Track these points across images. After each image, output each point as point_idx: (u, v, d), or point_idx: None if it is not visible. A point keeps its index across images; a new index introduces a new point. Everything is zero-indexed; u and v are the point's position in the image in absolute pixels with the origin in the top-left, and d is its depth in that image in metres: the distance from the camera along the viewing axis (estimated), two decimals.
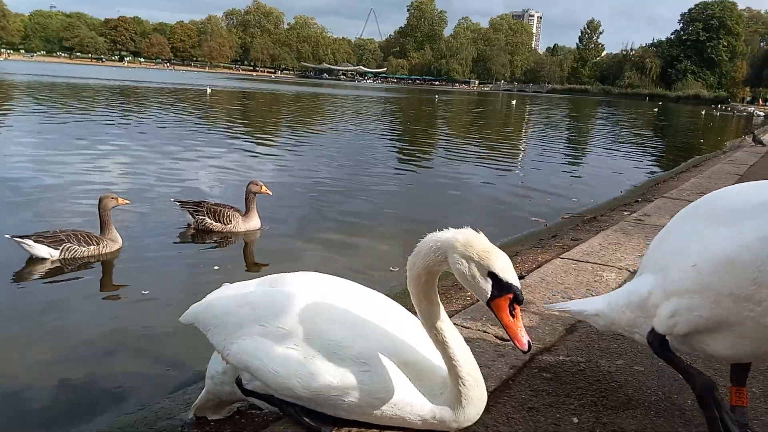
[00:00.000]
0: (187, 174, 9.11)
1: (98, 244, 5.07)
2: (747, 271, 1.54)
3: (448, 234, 1.66)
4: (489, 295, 1.62)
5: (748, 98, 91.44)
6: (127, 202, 5.37)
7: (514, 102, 55.35)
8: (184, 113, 22.24)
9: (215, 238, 5.83)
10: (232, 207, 6.04)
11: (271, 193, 6.04)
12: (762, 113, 48.43)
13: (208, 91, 36.73)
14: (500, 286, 1.61)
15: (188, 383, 2.91)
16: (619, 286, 3.50)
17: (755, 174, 8.86)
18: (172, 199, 6.25)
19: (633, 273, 3.77)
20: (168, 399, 2.73)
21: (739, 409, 1.86)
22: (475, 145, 16.77)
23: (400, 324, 1.91)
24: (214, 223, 5.87)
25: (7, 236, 4.83)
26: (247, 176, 8.36)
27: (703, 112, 48.65)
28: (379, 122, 24.53)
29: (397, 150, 14.86)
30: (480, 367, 2.37)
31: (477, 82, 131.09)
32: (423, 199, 8.39)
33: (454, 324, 2.07)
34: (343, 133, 18.63)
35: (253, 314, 1.88)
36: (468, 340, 2.19)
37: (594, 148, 18.74)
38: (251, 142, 14.39)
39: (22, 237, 4.88)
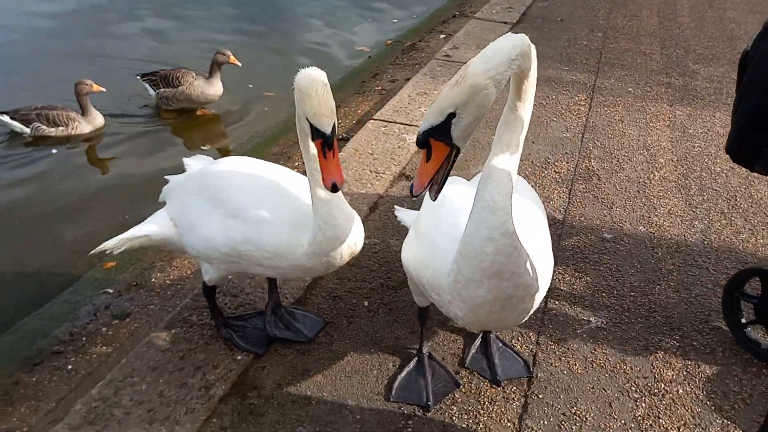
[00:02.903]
0: None
1: (67, 126, 4.96)
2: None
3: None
4: (310, 136, 1.92)
5: None
6: (102, 89, 5.04)
7: None
8: None
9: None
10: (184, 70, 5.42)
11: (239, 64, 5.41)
12: None
13: None
14: (314, 130, 1.89)
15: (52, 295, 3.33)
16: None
17: None
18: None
19: None
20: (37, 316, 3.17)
21: None
22: None
23: (290, 188, 2.30)
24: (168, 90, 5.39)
25: None
26: None
27: None
28: None
29: None
30: None
31: None
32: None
33: None
34: None
35: (191, 186, 2.41)
36: None
37: None
38: None
39: (1, 112, 4.96)
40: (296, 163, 4.36)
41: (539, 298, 1.91)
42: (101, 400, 2.32)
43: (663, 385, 2.46)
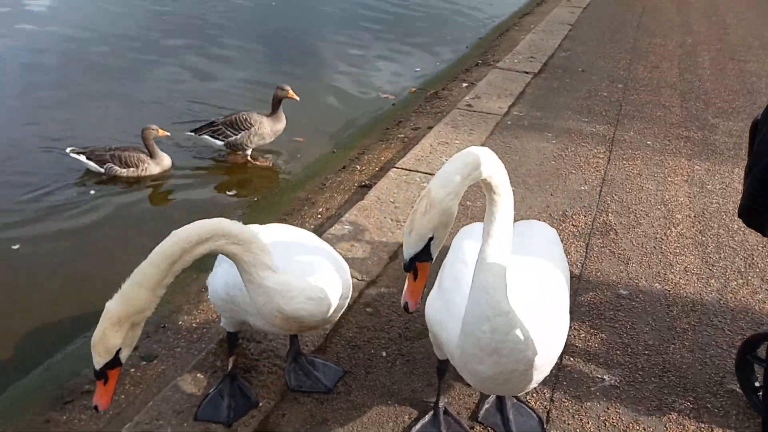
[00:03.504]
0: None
1: (137, 167, 5.20)
2: None
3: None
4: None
5: None
6: (167, 134, 5.32)
7: None
8: None
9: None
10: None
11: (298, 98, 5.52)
12: None
13: None
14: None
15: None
16: None
17: (582, 24, 9.72)
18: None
19: None
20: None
21: None
22: None
23: (296, 249, 2.43)
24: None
25: (68, 150, 5.25)
26: None
27: None
28: None
29: None
30: None
31: None
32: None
33: None
34: None
35: None
36: None
37: None
38: None
39: (78, 152, 5.23)
40: (319, 209, 4.50)
41: (548, 367, 1.99)
42: None
43: None
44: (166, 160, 5.36)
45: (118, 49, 8.21)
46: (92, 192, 5.09)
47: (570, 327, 2.95)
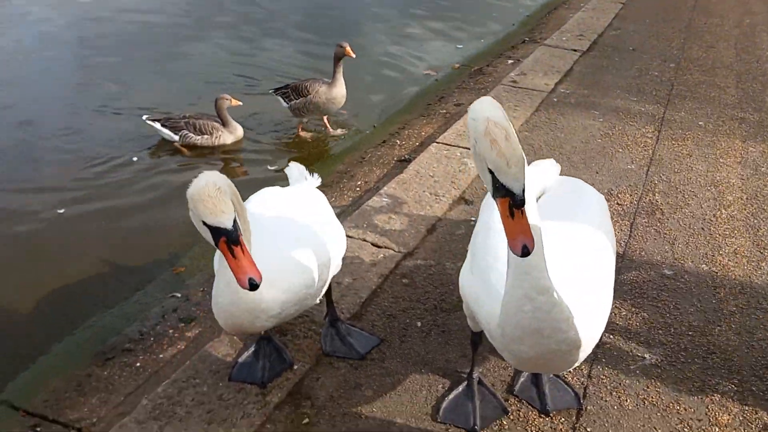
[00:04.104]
0: None
1: (211, 134, 5.27)
2: None
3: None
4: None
5: None
6: (240, 103, 5.40)
7: None
8: None
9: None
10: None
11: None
12: None
13: None
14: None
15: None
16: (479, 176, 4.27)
17: (635, 3, 9.39)
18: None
19: None
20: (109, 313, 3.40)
21: None
22: None
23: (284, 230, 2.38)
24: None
25: (144, 118, 5.34)
26: None
27: None
28: None
29: None
30: (355, 278, 3.17)
31: None
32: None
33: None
34: None
35: None
36: (349, 249, 2.92)
37: None
38: None
39: (153, 120, 5.31)
40: (358, 182, 4.49)
41: (590, 347, 1.92)
42: (165, 398, 2.48)
43: (718, 429, 2.41)
44: (239, 130, 5.40)
45: (171, 26, 8.34)
46: (158, 159, 5.21)
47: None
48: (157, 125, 5.27)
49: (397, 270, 3.29)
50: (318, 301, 2.50)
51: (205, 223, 1.83)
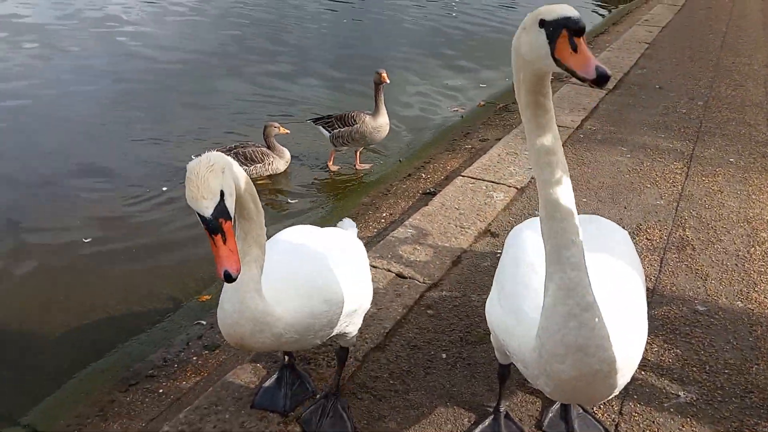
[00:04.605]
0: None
1: (263, 161, 5.31)
2: None
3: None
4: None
5: None
6: (287, 131, 5.46)
7: None
8: None
9: None
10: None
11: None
12: None
13: None
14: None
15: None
16: (504, 208, 4.25)
17: (660, 43, 9.42)
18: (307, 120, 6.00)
19: (520, 190, 4.49)
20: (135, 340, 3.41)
21: None
22: None
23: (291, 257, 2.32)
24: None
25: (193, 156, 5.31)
26: None
27: None
28: None
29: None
30: (379, 308, 3.14)
31: None
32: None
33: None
34: None
35: None
36: (373, 279, 2.88)
37: None
38: None
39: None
40: (383, 214, 4.50)
41: (629, 372, 1.86)
42: (187, 424, 2.45)
43: None
44: (286, 154, 5.43)
45: (203, 63, 8.61)
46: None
47: None
48: None
49: (421, 301, 3.25)
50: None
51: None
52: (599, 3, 15.70)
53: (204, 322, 3.37)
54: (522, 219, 3.90)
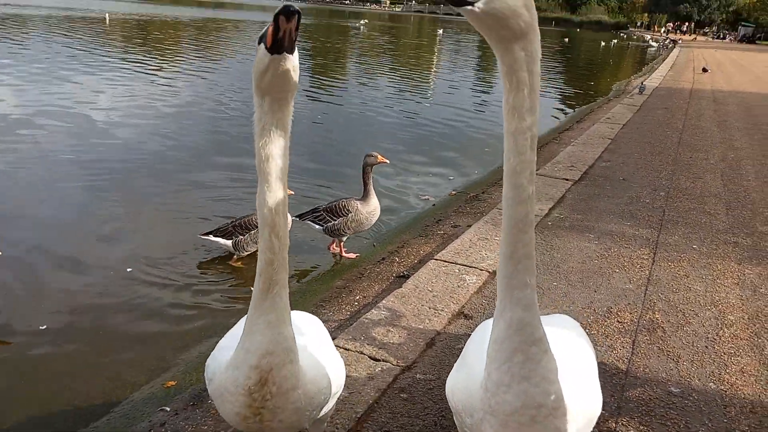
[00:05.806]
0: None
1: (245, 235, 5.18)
2: None
3: None
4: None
5: (646, 22, 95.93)
6: (291, 192, 5.40)
7: (440, 32, 49.26)
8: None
9: None
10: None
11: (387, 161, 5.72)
12: (655, 43, 50.96)
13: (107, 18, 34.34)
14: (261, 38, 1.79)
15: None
16: (477, 291, 4.27)
17: (622, 139, 9.91)
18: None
19: (492, 273, 4.53)
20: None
21: None
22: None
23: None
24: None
25: (199, 235, 5.22)
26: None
27: (603, 43, 50.45)
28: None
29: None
30: (351, 392, 3.06)
31: (388, 2, 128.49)
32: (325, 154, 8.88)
33: (336, 346, 2.54)
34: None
35: None
36: (345, 362, 2.81)
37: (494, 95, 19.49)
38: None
39: (206, 234, 5.17)
40: (356, 296, 4.47)
41: (578, 421, 1.84)
42: None
43: None
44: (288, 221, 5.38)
45: (181, 160, 8.72)
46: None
47: (618, 422, 2.78)
48: (212, 237, 5.16)
49: (395, 384, 3.18)
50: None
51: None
52: (564, 102, 16.57)
53: (168, 409, 3.22)
54: (495, 302, 3.92)
